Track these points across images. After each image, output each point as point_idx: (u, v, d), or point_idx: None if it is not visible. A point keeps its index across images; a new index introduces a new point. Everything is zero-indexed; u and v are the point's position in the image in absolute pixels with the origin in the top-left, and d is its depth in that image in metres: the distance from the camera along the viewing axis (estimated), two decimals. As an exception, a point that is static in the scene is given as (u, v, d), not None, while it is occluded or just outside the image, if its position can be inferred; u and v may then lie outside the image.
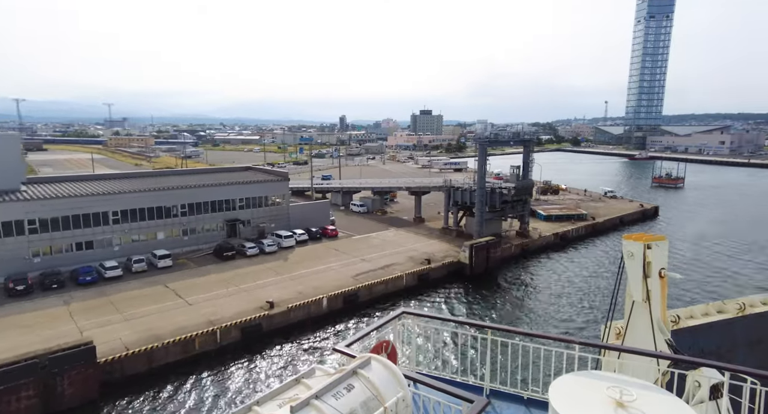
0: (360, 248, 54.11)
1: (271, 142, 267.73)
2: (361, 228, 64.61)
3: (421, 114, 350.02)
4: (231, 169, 66.97)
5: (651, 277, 8.64)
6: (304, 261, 49.02)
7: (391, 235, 61.21)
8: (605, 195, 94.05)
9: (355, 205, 76.87)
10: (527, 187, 58.06)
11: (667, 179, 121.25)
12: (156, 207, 49.66)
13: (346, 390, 4.64)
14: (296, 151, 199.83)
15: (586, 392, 5.13)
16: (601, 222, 71.27)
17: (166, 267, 45.46)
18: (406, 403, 4.98)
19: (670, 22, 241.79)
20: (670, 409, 4.88)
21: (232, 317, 34.87)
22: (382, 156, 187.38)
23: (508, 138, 58.67)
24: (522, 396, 7.32)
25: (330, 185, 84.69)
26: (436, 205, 73.68)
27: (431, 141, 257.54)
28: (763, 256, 58.54)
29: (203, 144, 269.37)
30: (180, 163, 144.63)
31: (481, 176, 55.04)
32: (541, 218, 70.58)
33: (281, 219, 58.85)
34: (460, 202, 60.56)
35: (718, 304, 14.42)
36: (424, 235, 60.77)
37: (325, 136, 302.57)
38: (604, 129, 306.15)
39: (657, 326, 8.65)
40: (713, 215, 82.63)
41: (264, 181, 58.32)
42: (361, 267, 47.25)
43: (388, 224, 67.26)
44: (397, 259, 50.03)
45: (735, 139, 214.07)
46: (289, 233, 54.62)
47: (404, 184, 72.73)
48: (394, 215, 74.31)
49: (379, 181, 79.32)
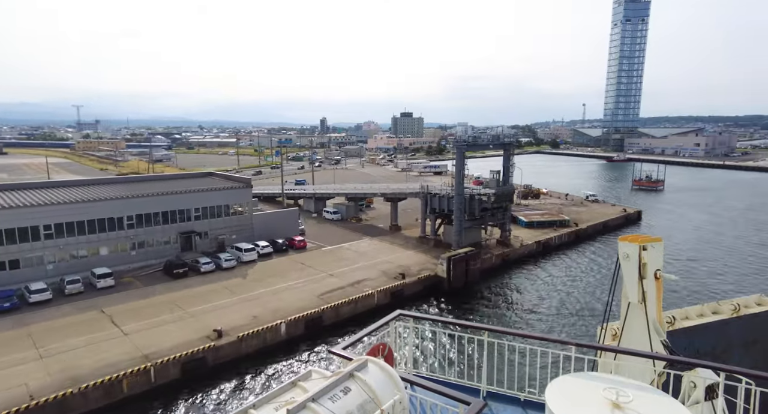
0: (329, 261, 49.64)
1: (248, 144, 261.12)
2: (333, 237, 60.16)
3: (402, 116, 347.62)
4: (190, 176, 61.77)
5: (646, 279, 8.62)
6: (265, 278, 44.29)
7: (364, 245, 56.90)
8: (587, 199, 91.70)
9: (328, 212, 72.34)
10: (508, 194, 54.53)
11: (647, 182, 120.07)
12: (98, 219, 44.33)
13: (343, 393, 4.61)
14: (272, 154, 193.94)
15: (582, 393, 5.15)
16: (584, 228, 68.32)
17: (106, 287, 40.25)
18: (403, 405, 4.95)
19: (645, 26, 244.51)
20: (666, 410, 4.90)
21: (172, 349, 30.05)
22: (361, 159, 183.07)
23: (487, 141, 55.05)
24: (519, 398, 7.37)
25: (302, 191, 79.93)
26: (413, 211, 69.68)
27: (412, 144, 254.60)
28: (745, 266, 56.25)
29: (177, 147, 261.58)
30: (148, 168, 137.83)
31: (459, 182, 51.25)
32: (523, 225, 67.27)
33: (244, 230, 53.98)
34: (437, 210, 56.66)
35: (713, 304, 14.31)
36: (399, 245, 56.64)
37: (305, 138, 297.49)
38: (582, 131, 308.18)
39: (653, 327, 8.67)
40: (698, 219, 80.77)
41: (223, 188, 53.34)
42: (329, 284, 42.80)
43: (362, 233, 62.95)
44: (369, 274, 45.75)
45: (709, 141, 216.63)
46: (251, 246, 49.78)
47: (379, 190, 68.54)
48: (369, 223, 70.06)
49: (354, 186, 74.94)
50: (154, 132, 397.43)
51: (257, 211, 60.46)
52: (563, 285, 48.88)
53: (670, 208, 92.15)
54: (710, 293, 45.66)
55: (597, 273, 53.30)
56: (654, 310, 8.72)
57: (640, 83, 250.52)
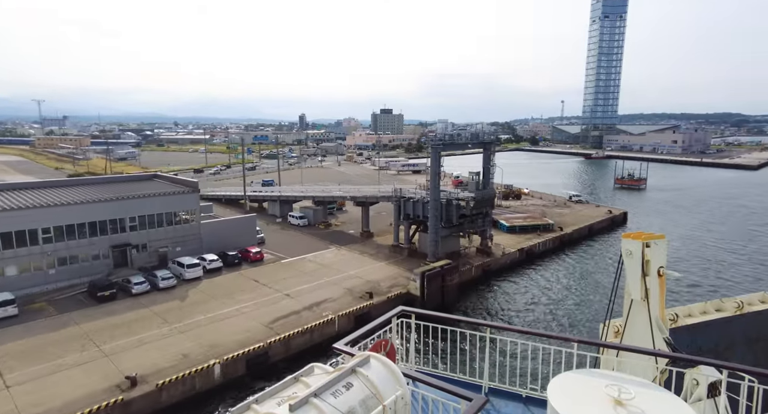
0: (287, 278, 43.39)
1: (223, 141, 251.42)
2: (297, 246, 53.85)
3: (382, 113, 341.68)
4: (131, 179, 54.40)
5: (650, 276, 8.57)
6: (208, 300, 37.81)
7: (330, 256, 50.77)
8: (570, 199, 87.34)
9: (293, 216, 65.84)
10: (488, 198, 49.09)
11: (629, 180, 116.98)
12: (4, 233, 37.07)
13: (345, 388, 4.60)
14: (244, 151, 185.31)
15: (584, 390, 5.14)
16: (570, 233, 63.60)
17: (6, 318, 33.13)
18: (404, 401, 4.92)
19: (623, 22, 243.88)
20: (668, 407, 4.90)
21: (64, 408, 23.48)
22: (338, 157, 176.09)
23: (466, 140, 49.48)
24: (520, 394, 7.37)
25: (266, 193, 73.14)
26: (388, 214, 63.68)
27: (391, 141, 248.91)
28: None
29: (147, 144, 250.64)
30: (106, 166, 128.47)
31: (434, 186, 45.54)
32: (504, 229, 62.13)
33: (190, 241, 47.25)
34: (412, 216, 50.87)
35: (716, 302, 14.28)
36: (370, 256, 50.69)
37: (283, 135, 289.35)
38: (561, 128, 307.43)
39: (655, 324, 8.59)
40: (686, 221, 77.13)
41: (165, 193, 46.38)
42: (283, 307, 36.61)
43: (330, 241, 56.77)
44: (332, 293, 39.71)
45: (686, 138, 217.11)
46: (195, 261, 43.09)
47: (349, 193, 62.40)
48: (339, 229, 63.89)
49: (321, 189, 68.53)
50: (125, 128, 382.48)
51: (209, 218, 53.67)
52: (549, 299, 43.73)
53: (655, 208, 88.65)
54: (711, 292, 41.75)
55: (585, 283, 48.49)
56: (657, 307, 8.67)
57: (618, 80, 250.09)
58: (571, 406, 4.81)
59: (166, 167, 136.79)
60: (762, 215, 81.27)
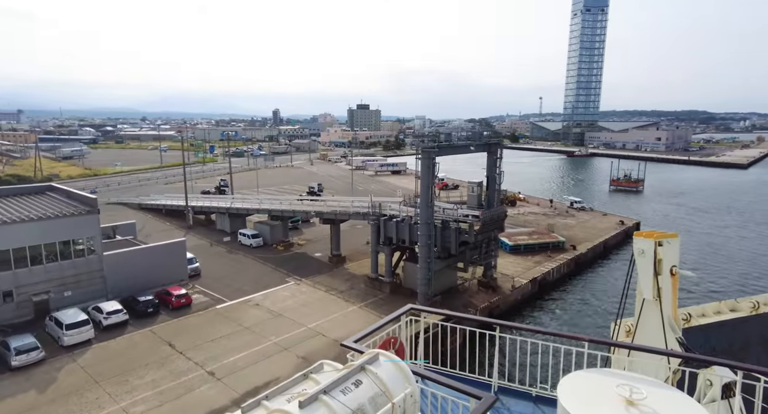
0: (219, 338, 30.41)
1: (189, 137, 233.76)
2: (243, 280, 40.88)
3: (359, 108, 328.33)
4: (21, 191, 39.62)
5: (662, 275, 8.45)
6: (87, 388, 24.50)
7: (286, 295, 37.92)
8: (572, 206, 76.64)
9: (244, 235, 52.52)
10: (497, 219, 37.05)
11: (626, 182, 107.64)
12: None
13: (354, 385, 4.55)
14: (206, 149, 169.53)
15: (595, 390, 5.06)
16: (584, 253, 52.49)
17: None
18: (414, 398, 4.82)
19: (605, 16, 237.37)
20: (681, 408, 4.81)
21: None
22: (311, 155, 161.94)
23: (466, 142, 37.34)
24: (530, 393, 7.27)
25: (212, 205, 59.36)
26: (365, 228, 51.20)
27: (368, 137, 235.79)
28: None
29: (106, 141, 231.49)
30: (35, 168, 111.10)
31: (426, 203, 33.16)
32: (507, 249, 50.52)
33: (87, 282, 33.65)
34: (395, 240, 38.54)
35: (731, 302, 14.14)
36: (339, 295, 38.13)
37: (254, 131, 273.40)
38: (541, 125, 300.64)
39: (668, 324, 8.46)
40: (703, 227, 67.21)
41: (45, 217, 32.51)
42: (200, 401, 23.69)
43: (289, 270, 43.89)
44: (281, 367, 27.01)
45: (669, 135, 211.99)
46: (81, 317, 29.47)
47: (313, 207, 49.43)
48: (302, 250, 50.97)
49: (280, 201, 54.83)
50: (86, 123, 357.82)
51: (128, 244, 39.98)
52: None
53: (666, 214, 78.95)
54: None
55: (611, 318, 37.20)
56: (669, 306, 8.54)
57: (600, 75, 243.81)
58: (582, 406, 4.73)
59: (111, 169, 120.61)
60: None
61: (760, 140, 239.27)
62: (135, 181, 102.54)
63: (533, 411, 6.93)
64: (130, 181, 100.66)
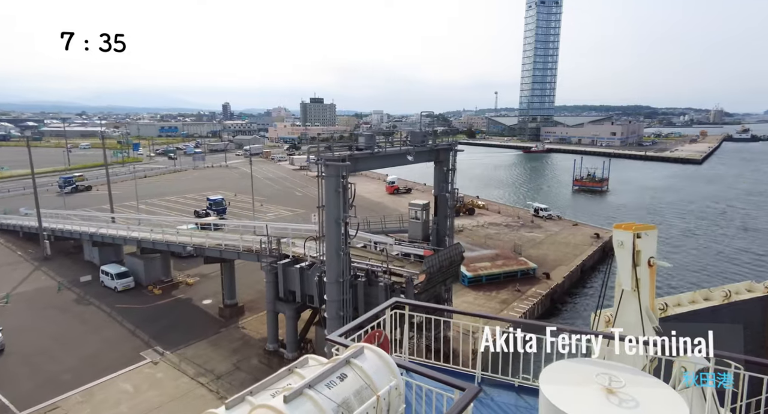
0: None
1: (126, 133, 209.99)
2: (70, 359, 26.74)
3: (312, 102, 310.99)
4: None
5: (640, 266, 8.71)
6: None
7: (123, 394, 24.06)
8: (537, 214, 66.05)
9: (107, 274, 37.76)
10: (452, 264, 24.74)
11: (590, 181, 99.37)
12: None
13: (339, 379, 4.59)
14: (129, 148, 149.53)
15: (575, 379, 5.25)
16: (560, 283, 41.52)
17: None
18: (398, 391, 4.92)
19: (560, 8, 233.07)
20: (657, 394, 5.04)
21: None
22: (247, 152, 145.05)
23: (399, 149, 24.65)
24: (513, 383, 7.48)
25: (72, 228, 43.70)
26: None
27: (320, 133, 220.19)
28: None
29: (21, 138, 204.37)
30: None
31: (334, 250, 20.40)
32: (465, 283, 38.73)
33: None
34: (298, 296, 25.59)
35: (704, 291, 14.56)
36: (213, 384, 24.71)
37: (198, 126, 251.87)
38: (497, 120, 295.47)
39: (646, 314, 8.73)
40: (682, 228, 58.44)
41: None
42: None
43: (155, 333, 29.93)
44: None
45: (624, 130, 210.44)
46: None
47: (192, 240, 34.81)
48: (188, 295, 36.92)
49: (150, 230, 39.84)
50: (4, 118, 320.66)
51: None
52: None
53: (642, 219, 70.08)
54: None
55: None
56: (647, 296, 8.80)
57: (555, 68, 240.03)
58: (563, 395, 4.91)
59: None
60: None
61: (704, 135, 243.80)
62: (21, 188, 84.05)
63: (516, 401, 7.16)
64: (14, 189, 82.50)
